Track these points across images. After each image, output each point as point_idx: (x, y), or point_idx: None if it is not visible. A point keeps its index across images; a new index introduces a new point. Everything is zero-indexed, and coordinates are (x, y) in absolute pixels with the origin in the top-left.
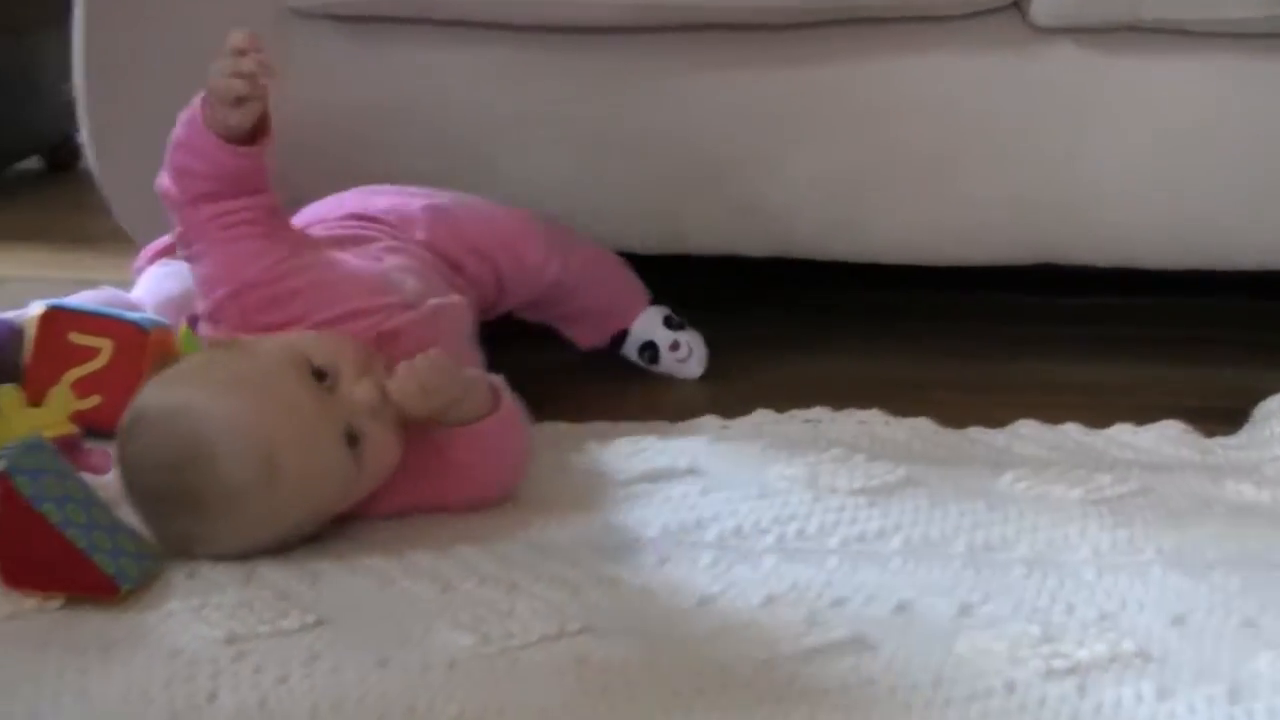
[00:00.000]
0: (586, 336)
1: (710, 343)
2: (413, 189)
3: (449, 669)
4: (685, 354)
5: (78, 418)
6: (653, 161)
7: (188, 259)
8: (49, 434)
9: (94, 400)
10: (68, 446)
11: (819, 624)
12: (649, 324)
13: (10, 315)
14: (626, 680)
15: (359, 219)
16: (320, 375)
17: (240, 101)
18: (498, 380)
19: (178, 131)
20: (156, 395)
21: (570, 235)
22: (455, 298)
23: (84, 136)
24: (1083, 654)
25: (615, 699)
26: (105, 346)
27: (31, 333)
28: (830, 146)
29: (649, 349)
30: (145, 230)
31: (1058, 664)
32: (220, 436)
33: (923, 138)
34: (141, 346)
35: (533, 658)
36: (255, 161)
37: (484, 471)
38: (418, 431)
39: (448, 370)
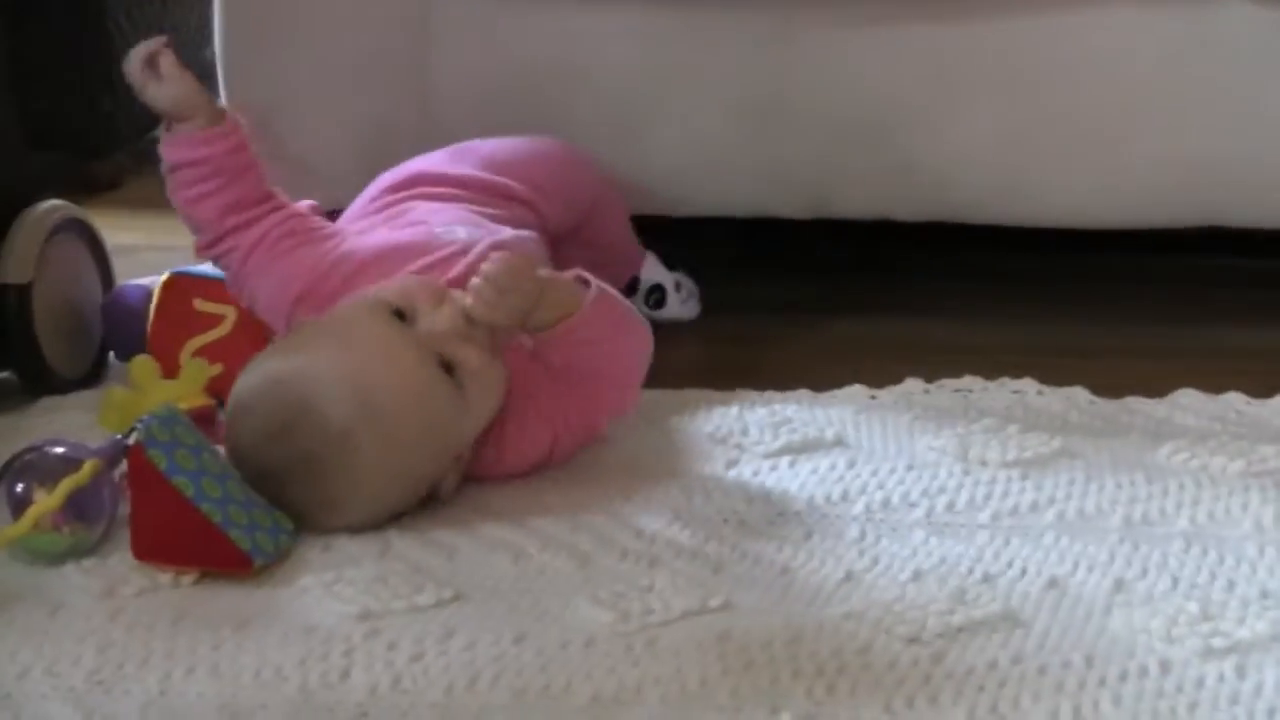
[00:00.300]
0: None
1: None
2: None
3: (587, 646)
4: (686, 294)
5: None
6: (805, 122)
7: (250, 303)
8: (183, 406)
9: (217, 368)
10: (202, 419)
11: (968, 600)
12: (653, 268)
13: (145, 282)
14: (769, 658)
15: (391, 191)
16: (400, 316)
17: (154, 69)
18: (583, 273)
19: (166, 176)
20: (248, 379)
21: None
22: (514, 231)
23: (224, 102)
24: (1243, 633)
25: (757, 677)
26: (229, 314)
27: (154, 301)
28: (993, 106)
29: (656, 291)
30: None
31: (1217, 643)
32: (314, 390)
33: (1090, 97)
34: None
35: (673, 635)
36: (227, 144)
37: (595, 366)
38: (521, 363)
39: (518, 266)
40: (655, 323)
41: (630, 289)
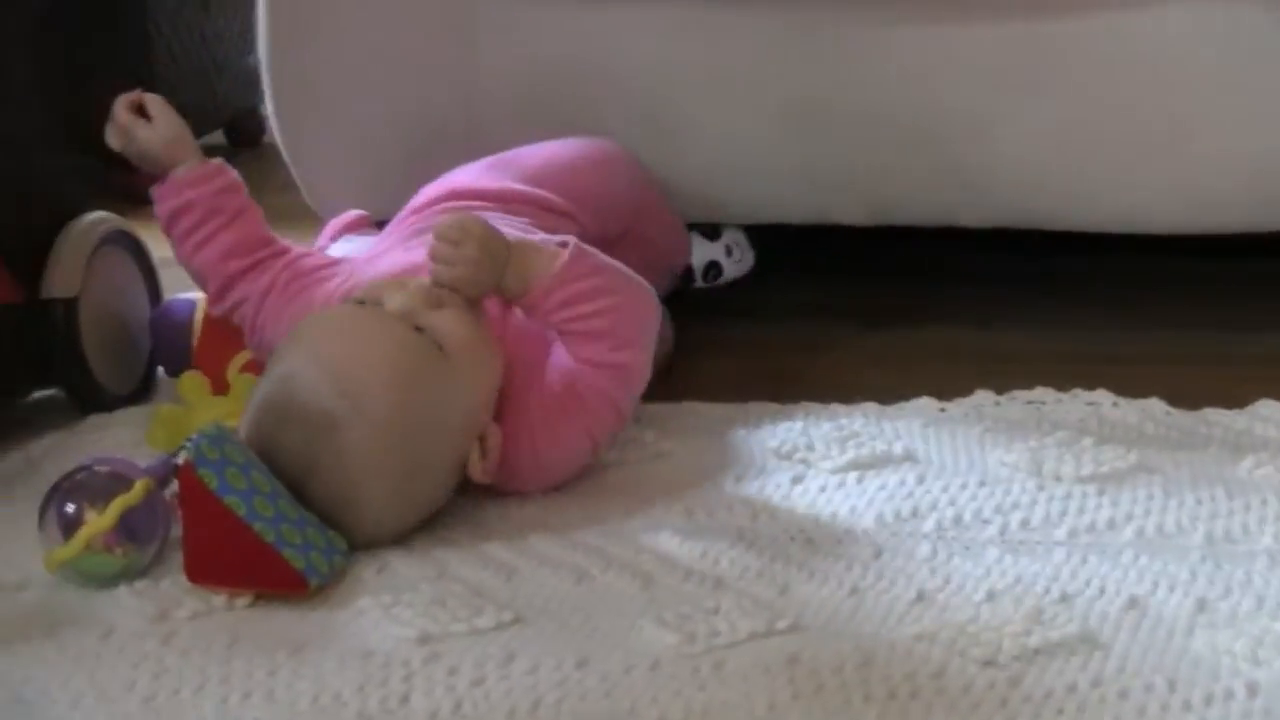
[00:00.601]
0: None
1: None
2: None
3: (651, 670)
4: (738, 254)
5: None
6: (857, 125)
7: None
8: (232, 423)
9: None
10: None
11: (1044, 621)
12: (700, 247)
13: (194, 296)
14: (839, 682)
15: (427, 206)
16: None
17: (142, 114)
18: (563, 236)
19: (167, 235)
20: (246, 418)
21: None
22: (544, 236)
23: (268, 109)
24: None
25: (827, 702)
26: None
27: (199, 314)
28: (1053, 106)
29: (713, 268)
30: (330, 205)
31: None
32: (292, 390)
33: (1153, 96)
34: None
35: (740, 658)
36: (215, 185)
37: (589, 327)
38: (531, 359)
39: (467, 220)
40: (700, 318)
41: (689, 277)
